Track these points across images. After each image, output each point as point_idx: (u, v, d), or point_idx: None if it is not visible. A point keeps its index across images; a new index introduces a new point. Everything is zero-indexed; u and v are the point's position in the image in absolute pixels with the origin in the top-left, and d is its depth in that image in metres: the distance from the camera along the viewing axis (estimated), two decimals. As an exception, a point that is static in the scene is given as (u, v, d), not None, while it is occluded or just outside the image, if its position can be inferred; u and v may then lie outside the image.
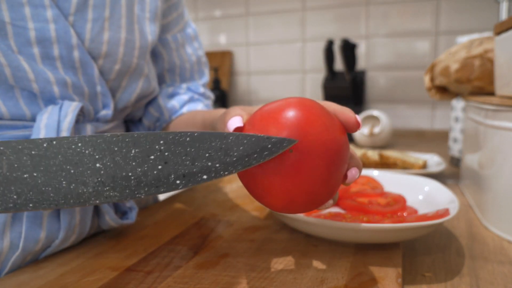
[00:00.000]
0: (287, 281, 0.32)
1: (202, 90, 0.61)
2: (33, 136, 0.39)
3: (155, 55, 0.57)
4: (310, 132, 0.26)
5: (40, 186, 0.24)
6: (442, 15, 1.29)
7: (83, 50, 0.42)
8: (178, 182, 0.25)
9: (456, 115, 0.81)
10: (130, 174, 0.24)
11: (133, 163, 0.24)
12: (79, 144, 0.24)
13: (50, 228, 0.40)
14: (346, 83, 1.22)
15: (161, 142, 0.25)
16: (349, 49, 1.18)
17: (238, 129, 0.29)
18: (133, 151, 0.25)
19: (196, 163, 0.25)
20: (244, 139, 0.25)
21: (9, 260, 0.38)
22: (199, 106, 0.58)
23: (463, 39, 0.77)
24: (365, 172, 0.57)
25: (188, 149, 0.25)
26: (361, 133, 1.07)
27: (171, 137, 0.25)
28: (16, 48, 0.38)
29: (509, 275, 0.35)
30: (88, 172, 0.24)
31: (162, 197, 0.62)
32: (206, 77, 0.63)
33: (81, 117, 0.44)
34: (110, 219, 0.44)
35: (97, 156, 0.24)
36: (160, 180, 0.25)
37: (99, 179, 0.24)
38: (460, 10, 1.26)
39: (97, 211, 0.44)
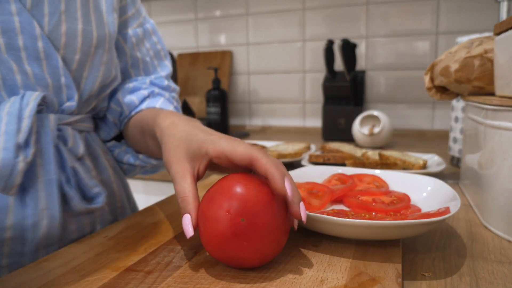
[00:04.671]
0: (287, 281, 0.32)
1: (166, 83, 0.62)
2: None
3: (118, 50, 0.58)
4: (253, 206, 0.32)
5: None
6: (442, 15, 1.29)
7: (47, 41, 0.44)
8: None
9: (456, 115, 0.81)
10: None
11: None
12: None
13: (16, 215, 0.42)
14: (346, 83, 1.22)
15: None
16: (349, 49, 1.18)
17: (189, 230, 0.34)
18: None
19: None
20: None
21: None
22: (159, 101, 0.58)
23: (463, 39, 0.77)
24: (371, 171, 0.58)
25: None
26: (361, 133, 1.07)
27: None
28: None
29: (508, 275, 0.35)
30: None
31: (161, 197, 0.62)
32: (169, 68, 0.64)
33: (44, 107, 0.46)
34: (77, 203, 0.47)
35: None
36: None
37: None
38: (460, 10, 1.26)
39: (63, 197, 0.46)
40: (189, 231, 0.34)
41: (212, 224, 0.33)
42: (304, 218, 0.33)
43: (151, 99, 0.58)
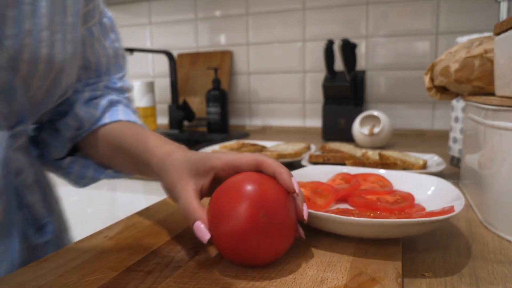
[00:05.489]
0: (287, 281, 0.32)
1: (119, 84, 0.57)
2: None
3: None
4: (272, 202, 0.33)
5: None
6: (442, 15, 1.29)
7: (8, 71, 0.40)
8: None
9: (456, 115, 0.81)
10: None
11: None
12: None
13: None
14: (346, 83, 1.22)
15: None
16: (349, 49, 1.18)
17: (205, 233, 0.34)
18: None
19: None
20: None
21: None
22: (120, 111, 0.54)
23: (463, 39, 0.77)
24: (375, 170, 0.58)
25: None
26: (361, 133, 1.07)
27: None
28: None
29: (508, 275, 0.35)
30: None
31: (161, 197, 0.62)
32: (124, 70, 0.60)
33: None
34: (33, 240, 0.47)
35: None
36: None
37: None
38: (460, 10, 1.26)
39: (22, 236, 0.46)
40: (205, 234, 0.34)
41: (231, 221, 0.33)
42: (305, 217, 0.36)
43: (111, 109, 0.54)
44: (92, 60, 0.54)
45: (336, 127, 1.25)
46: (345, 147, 0.90)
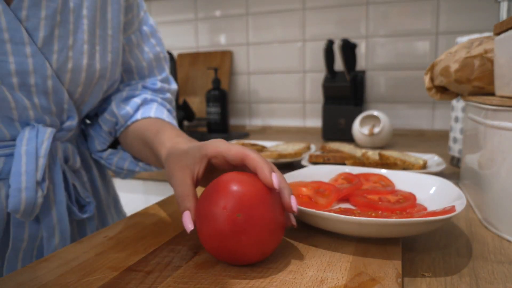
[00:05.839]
0: (287, 281, 0.32)
1: (158, 85, 0.61)
2: (15, 162, 0.46)
3: None
4: (248, 201, 0.33)
5: None
6: (442, 15, 1.29)
7: (56, 79, 0.47)
8: None
9: (456, 115, 0.81)
10: None
11: None
12: None
13: (31, 228, 0.49)
14: (346, 83, 1.22)
15: None
16: (349, 49, 1.18)
17: (189, 223, 0.36)
18: None
19: None
20: None
21: (4, 258, 0.47)
22: (152, 109, 0.58)
23: (463, 39, 0.77)
24: (377, 170, 0.58)
25: None
26: (361, 133, 1.07)
27: None
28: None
29: (508, 275, 0.35)
30: None
31: (161, 197, 0.62)
32: (166, 72, 0.64)
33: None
34: (76, 215, 0.54)
35: None
36: None
37: None
38: (460, 10, 1.26)
39: (69, 212, 0.53)
40: (189, 226, 0.35)
41: (209, 222, 0.33)
42: (295, 208, 0.35)
43: (145, 106, 0.58)
44: (133, 64, 0.59)
45: (336, 127, 1.25)
46: (345, 147, 0.90)
